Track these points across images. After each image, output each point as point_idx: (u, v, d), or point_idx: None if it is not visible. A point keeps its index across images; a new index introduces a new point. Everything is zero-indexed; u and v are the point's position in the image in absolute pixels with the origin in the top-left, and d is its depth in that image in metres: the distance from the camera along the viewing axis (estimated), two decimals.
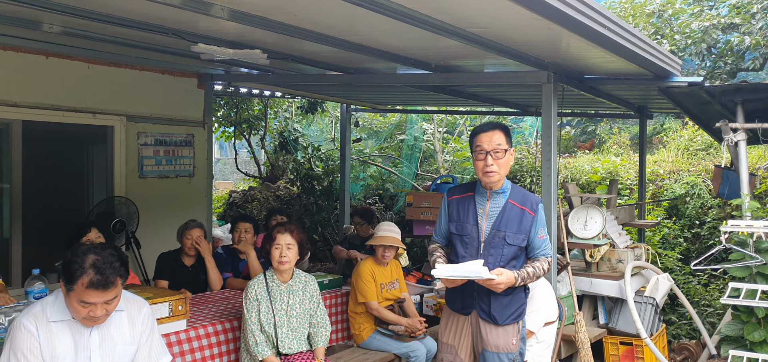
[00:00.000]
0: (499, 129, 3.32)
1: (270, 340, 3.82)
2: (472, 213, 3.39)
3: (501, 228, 3.33)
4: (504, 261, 3.32)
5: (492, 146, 3.28)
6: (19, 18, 3.89)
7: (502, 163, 3.29)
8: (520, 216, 3.34)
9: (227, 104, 10.64)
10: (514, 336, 3.38)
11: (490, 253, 3.33)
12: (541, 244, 3.39)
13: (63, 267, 2.60)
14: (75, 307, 2.60)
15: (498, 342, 3.35)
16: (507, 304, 3.35)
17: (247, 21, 3.53)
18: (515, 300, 3.38)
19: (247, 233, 5.14)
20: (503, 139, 3.30)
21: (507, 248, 3.33)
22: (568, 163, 11.04)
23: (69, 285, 2.57)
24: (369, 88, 7.00)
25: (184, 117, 6.63)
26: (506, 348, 3.35)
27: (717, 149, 9.63)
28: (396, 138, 12.05)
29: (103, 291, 2.57)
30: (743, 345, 4.38)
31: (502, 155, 3.28)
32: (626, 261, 5.66)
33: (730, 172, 5.78)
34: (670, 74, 4.94)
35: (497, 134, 3.30)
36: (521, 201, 3.37)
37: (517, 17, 3.36)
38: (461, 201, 3.45)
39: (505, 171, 3.33)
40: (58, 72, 5.54)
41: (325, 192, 10.60)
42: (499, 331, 3.35)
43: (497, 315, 3.34)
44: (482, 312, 3.37)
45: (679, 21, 10.61)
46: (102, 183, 6.65)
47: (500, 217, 3.35)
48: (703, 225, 8.35)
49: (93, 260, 2.56)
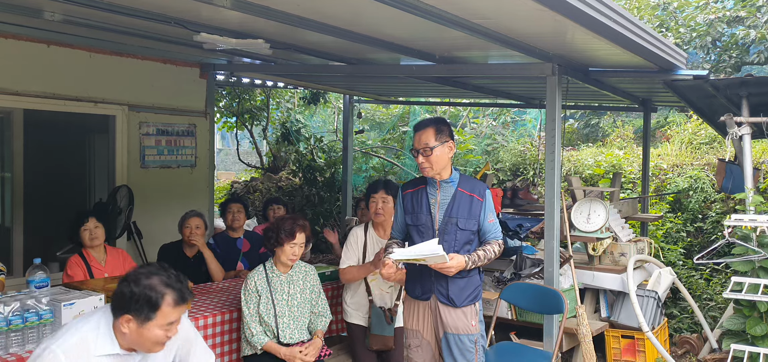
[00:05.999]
0: (429, 126, 3.54)
1: (270, 330, 3.83)
2: (425, 203, 3.61)
3: (452, 215, 3.55)
4: (458, 246, 3.53)
5: (421, 145, 3.52)
6: (20, 6, 3.88)
7: (434, 159, 3.50)
8: (469, 202, 3.56)
9: (229, 94, 10.62)
10: (473, 318, 3.59)
11: (445, 239, 3.52)
12: (491, 228, 3.61)
13: (134, 303, 2.46)
14: (156, 335, 2.50)
15: (457, 324, 3.55)
16: (463, 287, 3.55)
17: (250, 10, 3.51)
18: (471, 282, 3.59)
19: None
20: (431, 138, 3.50)
21: (460, 233, 3.54)
22: (572, 156, 11.01)
23: (150, 314, 2.48)
24: (372, 78, 6.97)
25: (186, 107, 6.61)
26: (466, 330, 3.55)
27: (721, 143, 9.59)
28: (399, 129, 12.03)
29: (185, 303, 2.57)
30: (745, 340, 4.37)
31: (430, 152, 3.49)
32: (629, 254, 5.64)
33: (733, 167, 5.76)
34: (675, 67, 4.91)
35: (425, 133, 3.52)
36: (470, 189, 3.60)
37: (521, 8, 3.34)
38: (415, 194, 3.66)
39: (440, 164, 3.53)
40: (59, 61, 5.52)
41: (327, 183, 10.59)
42: (458, 313, 3.55)
43: (455, 297, 3.54)
44: (440, 296, 3.56)
45: (684, 14, 10.56)
46: (103, 172, 6.65)
47: (451, 205, 3.56)
48: (706, 219, 8.33)
49: (161, 280, 2.51)
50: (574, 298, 5.15)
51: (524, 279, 5.42)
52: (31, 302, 3.07)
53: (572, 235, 5.42)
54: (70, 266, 4.27)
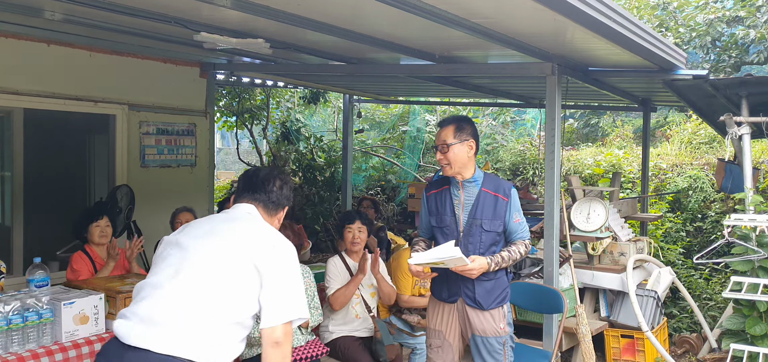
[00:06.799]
0: (450, 124, 3.50)
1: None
2: (449, 204, 3.55)
3: (477, 216, 3.48)
4: (483, 248, 3.47)
5: (439, 141, 3.50)
6: (20, 5, 3.87)
7: (452, 157, 3.45)
8: (494, 202, 3.49)
9: (229, 94, 10.61)
10: (501, 320, 3.51)
11: (470, 241, 3.47)
12: (517, 228, 3.53)
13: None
14: None
15: (485, 326, 3.49)
16: (490, 289, 3.48)
17: (250, 10, 3.51)
18: (498, 284, 3.52)
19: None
20: (450, 135, 3.46)
21: (485, 235, 3.47)
22: (571, 155, 11.02)
23: None
24: (372, 78, 6.97)
25: (186, 106, 6.61)
26: (494, 333, 3.48)
27: (720, 143, 9.60)
28: (399, 129, 12.03)
29: None
30: (744, 339, 4.38)
31: (447, 149, 3.45)
32: (628, 254, 5.65)
33: (733, 166, 5.76)
34: (675, 67, 4.91)
35: (445, 130, 3.49)
36: (494, 189, 3.52)
37: (521, 7, 3.34)
38: (439, 195, 3.61)
39: (458, 163, 3.47)
40: (59, 60, 5.52)
41: (327, 182, 10.58)
42: (486, 316, 3.48)
43: (482, 300, 3.47)
44: (468, 299, 3.50)
45: (684, 13, 10.56)
46: (103, 172, 6.64)
47: (475, 206, 3.49)
48: (705, 219, 8.33)
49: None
50: (574, 298, 5.15)
51: (524, 278, 5.43)
52: (31, 301, 3.08)
53: (572, 235, 5.43)
54: (75, 260, 4.33)
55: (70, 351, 3.12)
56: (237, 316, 2.45)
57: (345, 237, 4.49)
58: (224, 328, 2.42)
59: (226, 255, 2.49)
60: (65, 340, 3.14)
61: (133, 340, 2.35)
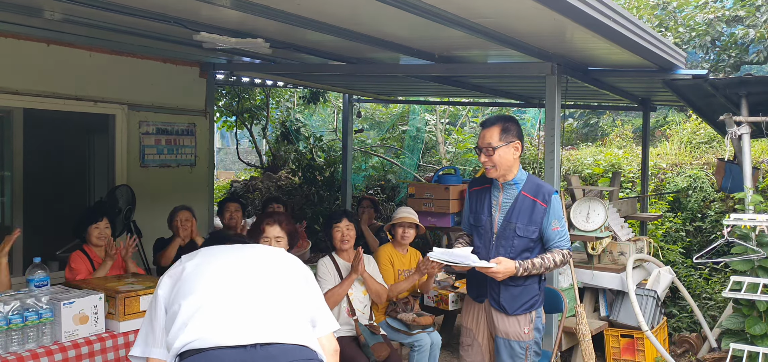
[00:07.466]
0: (495, 125, 3.38)
1: None
2: (487, 204, 3.47)
3: (512, 220, 3.39)
4: (515, 253, 3.37)
5: (484, 144, 3.37)
6: (20, 5, 3.87)
7: (497, 159, 3.34)
8: (531, 207, 3.37)
9: (229, 93, 10.62)
10: (526, 326, 3.43)
11: (502, 245, 3.39)
12: (555, 236, 3.39)
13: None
14: None
15: (508, 329, 3.43)
16: (517, 295, 3.40)
17: (250, 9, 3.51)
18: (527, 291, 3.42)
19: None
20: (495, 137, 3.34)
21: (517, 240, 3.37)
22: (571, 155, 11.02)
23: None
24: (372, 78, 6.97)
25: (185, 106, 6.61)
26: (517, 337, 3.42)
27: (720, 142, 9.61)
28: (398, 129, 12.03)
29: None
30: (744, 339, 4.37)
31: (492, 152, 3.33)
32: (628, 253, 5.64)
33: (733, 166, 5.76)
34: (675, 66, 4.91)
35: (490, 131, 3.37)
36: (534, 193, 3.40)
37: (521, 7, 3.34)
38: (480, 193, 3.53)
39: (504, 166, 3.37)
40: (59, 60, 5.51)
41: (326, 182, 10.59)
42: (510, 320, 3.42)
43: (507, 304, 3.41)
44: (493, 301, 3.45)
45: (684, 13, 10.56)
46: (103, 171, 6.64)
47: (512, 209, 3.40)
48: (705, 218, 8.33)
49: None
50: (574, 297, 5.15)
51: None
52: (31, 301, 3.07)
53: (572, 234, 5.42)
54: (74, 260, 4.32)
55: (69, 351, 3.12)
56: (309, 314, 2.37)
57: (334, 236, 4.48)
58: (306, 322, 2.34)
59: (280, 262, 2.44)
60: (65, 340, 3.14)
61: (247, 338, 2.10)
